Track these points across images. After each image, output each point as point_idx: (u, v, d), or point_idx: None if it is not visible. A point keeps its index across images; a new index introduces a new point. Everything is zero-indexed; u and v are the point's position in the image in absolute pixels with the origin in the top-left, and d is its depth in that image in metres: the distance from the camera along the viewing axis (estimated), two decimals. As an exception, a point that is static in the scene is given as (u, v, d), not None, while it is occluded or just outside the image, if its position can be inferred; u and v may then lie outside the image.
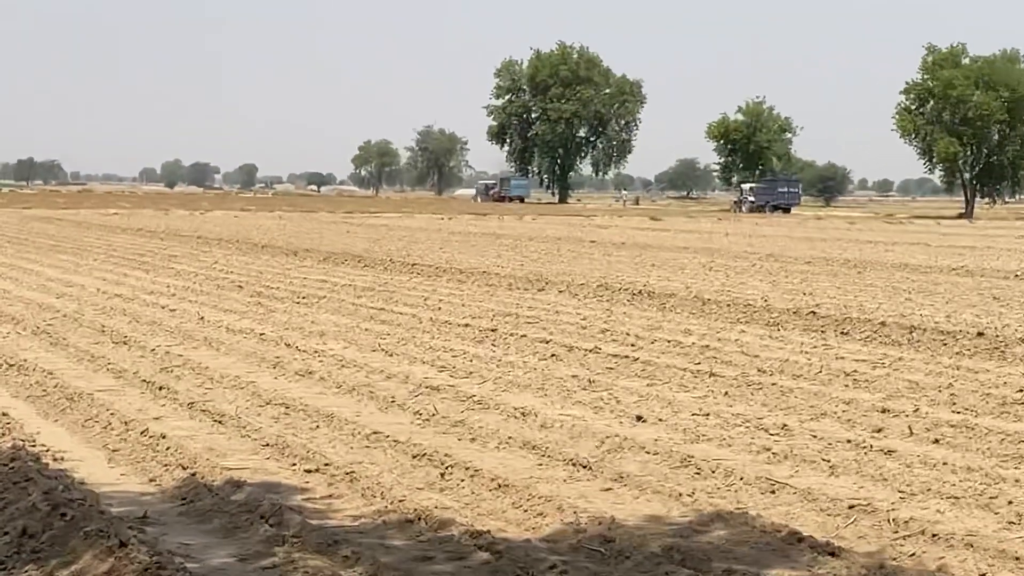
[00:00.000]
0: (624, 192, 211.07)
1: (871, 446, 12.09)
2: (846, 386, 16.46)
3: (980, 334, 22.15)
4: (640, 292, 31.49)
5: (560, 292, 32.65)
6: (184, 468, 10.83)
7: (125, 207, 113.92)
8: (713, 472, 10.79)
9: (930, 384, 16.46)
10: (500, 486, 10.07)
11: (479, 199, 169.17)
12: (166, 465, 11.02)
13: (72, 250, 50.28)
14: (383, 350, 19.56)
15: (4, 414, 13.40)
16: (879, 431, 12.95)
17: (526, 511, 9.39)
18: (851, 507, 9.60)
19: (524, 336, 21.36)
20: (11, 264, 40.86)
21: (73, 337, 20.55)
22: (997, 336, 22.33)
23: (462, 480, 10.37)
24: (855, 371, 17.61)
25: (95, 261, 43.09)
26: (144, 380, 16.01)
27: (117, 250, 50.85)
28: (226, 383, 15.90)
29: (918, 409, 14.31)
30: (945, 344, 21.31)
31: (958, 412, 14.28)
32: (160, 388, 15.32)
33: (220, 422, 13.26)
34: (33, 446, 11.42)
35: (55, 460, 10.90)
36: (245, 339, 20.68)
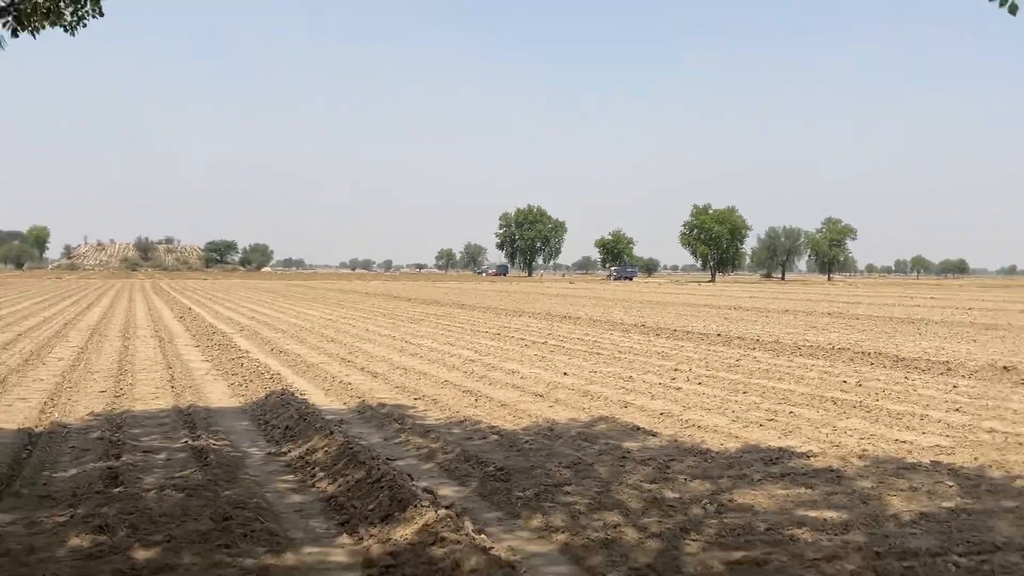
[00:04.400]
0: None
1: (669, 385, 13.69)
2: (660, 355, 18.33)
3: (718, 334, 24.59)
4: (566, 317, 35.49)
5: (532, 317, 36.33)
6: (358, 398, 12.38)
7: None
8: (597, 398, 12.42)
9: (695, 358, 18.34)
10: (502, 405, 11.69)
11: (486, 273, 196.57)
12: (350, 396, 12.68)
13: (310, 300, 55.23)
14: (450, 343, 21.63)
15: (278, 373, 15.16)
16: (673, 379, 14.62)
17: (515, 416, 10.91)
18: (661, 414, 11.15)
19: (512, 336, 24.10)
20: (280, 306, 46.84)
21: (309, 338, 22.87)
22: (728, 333, 24.84)
23: (486, 403, 11.95)
24: (663, 351, 19.53)
25: (326, 306, 48.14)
26: (340, 358, 17.86)
27: (343, 303, 54.50)
28: (378, 359, 17.67)
29: (691, 369, 16.07)
30: (702, 338, 23.72)
31: (709, 371, 15.93)
32: (347, 362, 17.15)
33: (375, 376, 14.97)
34: (291, 388, 13.02)
35: (301, 394, 12.42)
36: (385, 340, 22.89)
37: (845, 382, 14.18)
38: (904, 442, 9.37)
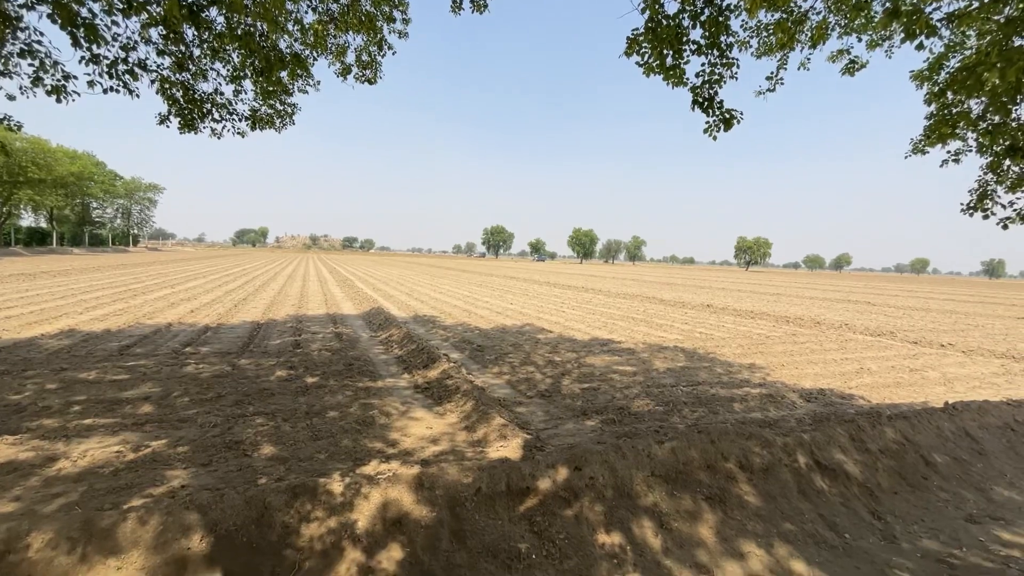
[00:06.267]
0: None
1: (558, 310, 12.93)
2: (555, 297, 16.64)
3: (582, 287, 21.96)
4: (515, 278, 29.02)
5: (487, 276, 28.77)
6: (414, 311, 11.09)
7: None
8: (526, 315, 11.70)
9: (570, 297, 16.48)
10: (481, 318, 10.91)
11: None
12: (410, 311, 11.44)
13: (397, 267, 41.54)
14: (468, 294, 17.97)
15: (376, 300, 13.25)
16: (560, 307, 13.72)
17: (488, 321, 10.25)
18: (555, 322, 10.52)
19: (483, 285, 21.62)
20: (374, 268, 38.61)
21: (394, 292, 20.10)
22: (585, 286, 22.15)
23: (475, 315, 11.17)
24: (555, 294, 18.03)
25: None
26: (403, 300, 16.08)
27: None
28: (436, 299, 15.47)
29: (566, 303, 14.96)
30: (570, 287, 20.70)
31: (577, 304, 14.76)
32: (411, 302, 14.74)
33: (422, 303, 13.64)
34: (382, 307, 11.44)
35: (387, 309, 11.16)
36: (445, 290, 19.29)
37: (637, 310, 13.78)
38: (662, 336, 9.25)
